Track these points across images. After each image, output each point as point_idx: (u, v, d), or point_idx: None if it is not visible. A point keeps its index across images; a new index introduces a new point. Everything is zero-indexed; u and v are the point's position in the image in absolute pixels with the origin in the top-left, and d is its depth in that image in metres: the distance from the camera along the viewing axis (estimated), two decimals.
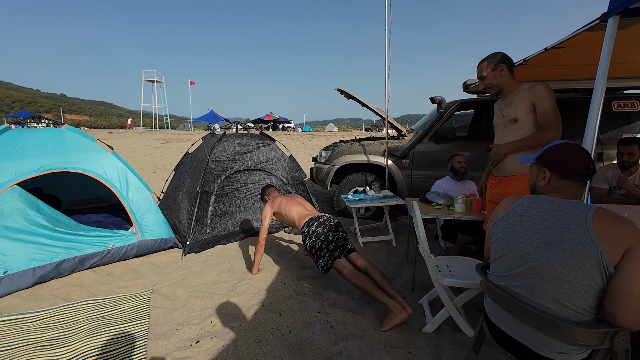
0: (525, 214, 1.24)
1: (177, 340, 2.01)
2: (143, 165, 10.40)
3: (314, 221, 2.64)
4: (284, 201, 2.90)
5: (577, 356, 1.09)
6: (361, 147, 4.63)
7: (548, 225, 1.15)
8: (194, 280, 2.80)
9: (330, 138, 21.86)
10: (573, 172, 1.19)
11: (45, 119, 3.35)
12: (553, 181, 1.25)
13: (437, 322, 2.09)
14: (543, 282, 1.11)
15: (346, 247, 2.54)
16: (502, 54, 2.09)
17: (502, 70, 2.06)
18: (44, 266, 2.66)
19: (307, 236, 2.61)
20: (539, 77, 3.79)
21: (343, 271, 2.36)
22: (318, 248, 2.52)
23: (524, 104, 1.99)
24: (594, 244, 1.03)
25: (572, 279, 1.06)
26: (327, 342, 1.96)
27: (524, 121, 2.00)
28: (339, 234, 2.60)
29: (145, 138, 20.93)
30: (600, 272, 1.03)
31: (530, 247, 1.17)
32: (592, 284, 1.04)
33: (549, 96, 1.91)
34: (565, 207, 1.16)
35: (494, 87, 2.11)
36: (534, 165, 1.32)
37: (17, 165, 2.79)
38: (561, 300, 1.08)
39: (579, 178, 1.20)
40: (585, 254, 1.04)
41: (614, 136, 4.03)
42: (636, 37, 2.22)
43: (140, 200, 3.34)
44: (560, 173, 1.22)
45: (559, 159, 1.23)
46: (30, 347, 1.90)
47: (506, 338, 1.26)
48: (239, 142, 4.08)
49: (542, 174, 1.28)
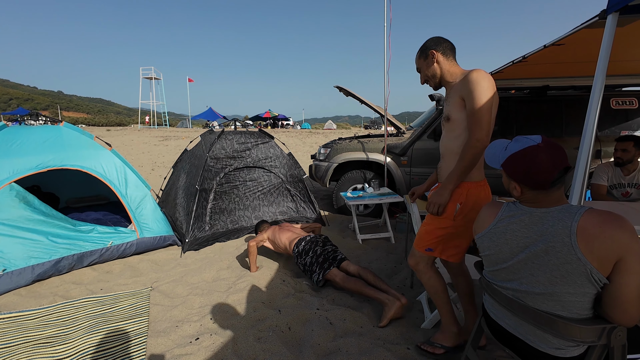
0: (508, 231, 1.18)
1: (177, 337, 2.02)
2: (141, 163, 10.37)
3: (302, 240, 2.78)
4: (277, 229, 3.04)
5: (574, 351, 1.10)
6: (360, 144, 4.63)
7: (532, 242, 1.10)
8: (193, 278, 2.80)
9: (329, 135, 21.82)
10: (545, 182, 1.07)
11: (42, 117, 3.34)
12: (526, 192, 1.14)
13: (435, 318, 2.10)
14: (535, 296, 1.11)
15: (337, 258, 2.64)
16: (434, 38, 1.74)
17: (434, 56, 1.70)
18: (43, 264, 2.65)
19: (298, 256, 2.74)
20: (538, 75, 3.79)
21: (336, 279, 2.46)
22: (309, 264, 2.64)
23: (455, 98, 1.63)
24: (582, 262, 0.98)
25: (564, 294, 1.05)
26: (326, 338, 1.97)
27: (456, 119, 1.65)
28: (328, 248, 2.72)
29: (143, 135, 20.84)
30: (591, 284, 1.01)
31: (519, 265, 1.15)
32: (585, 294, 1.04)
33: (478, 89, 1.51)
34: (546, 219, 1.08)
35: (430, 78, 1.76)
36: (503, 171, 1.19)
37: (15, 163, 2.78)
38: (555, 310, 1.09)
39: (553, 184, 1.08)
40: (573, 272, 1.01)
41: (612, 133, 4.04)
42: (635, 34, 2.22)
43: (139, 197, 3.33)
44: (531, 186, 1.10)
45: (525, 169, 1.08)
46: (30, 345, 1.91)
47: (504, 334, 1.27)
48: (238, 139, 4.07)
49: (512, 184, 1.16)
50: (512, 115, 4.20)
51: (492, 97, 1.53)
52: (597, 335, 1.05)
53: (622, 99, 4.03)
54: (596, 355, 1.07)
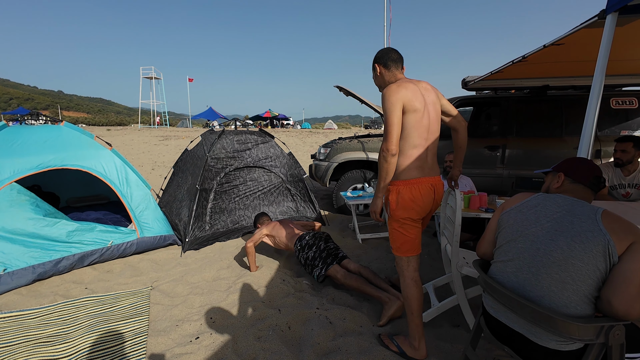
0: (540, 205, 1.31)
1: (177, 337, 2.03)
2: (141, 163, 10.38)
3: (305, 235, 2.80)
4: (277, 225, 3.03)
5: (574, 345, 1.11)
6: (360, 144, 4.63)
7: (560, 215, 1.22)
8: (193, 277, 2.81)
9: (329, 135, 21.83)
10: (585, 177, 1.32)
11: (43, 116, 3.34)
12: (566, 184, 1.36)
13: (443, 307, 2.08)
14: (550, 264, 1.15)
15: (338, 255, 2.67)
16: (380, 51, 1.88)
17: (377, 69, 1.89)
18: (44, 264, 2.66)
19: (300, 250, 2.75)
20: (538, 74, 3.80)
21: (337, 275, 2.47)
22: (312, 258, 2.65)
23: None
24: (602, 232, 1.09)
25: (578, 262, 1.10)
26: (326, 337, 1.97)
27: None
28: (330, 245, 2.75)
29: (143, 135, 20.85)
30: (605, 259, 1.07)
31: (541, 232, 1.23)
32: (595, 270, 1.08)
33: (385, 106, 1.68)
34: (577, 204, 1.24)
35: (378, 86, 1.93)
36: (550, 174, 1.45)
37: (16, 163, 2.78)
38: (565, 281, 1.11)
39: (590, 185, 1.32)
40: (593, 240, 1.10)
41: (612, 133, 4.03)
42: (634, 34, 2.23)
43: (140, 197, 3.34)
44: (573, 177, 1.34)
45: (573, 166, 1.37)
46: (30, 344, 1.91)
47: (504, 332, 1.28)
48: (238, 139, 4.07)
49: (556, 178, 1.40)
50: (512, 115, 4.20)
51: (396, 111, 1.66)
52: (595, 333, 1.06)
53: (622, 99, 4.02)
54: (594, 354, 1.08)
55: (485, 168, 4.23)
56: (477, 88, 4.47)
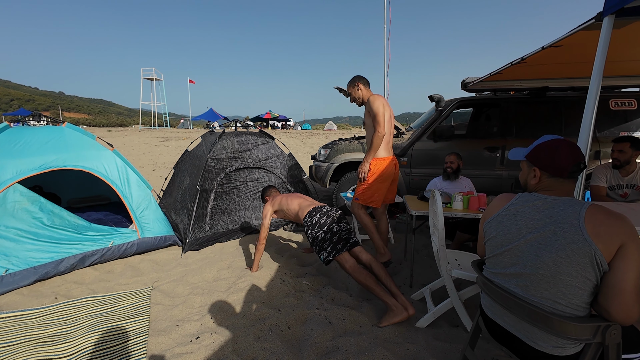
0: (519, 212, 1.24)
1: (178, 336, 2.04)
2: (142, 164, 10.40)
3: (317, 211, 2.57)
4: (284, 198, 2.90)
5: (571, 350, 1.11)
6: (360, 145, 4.64)
7: (542, 225, 1.15)
8: (193, 278, 2.82)
9: (330, 136, 21.84)
10: (563, 170, 1.18)
11: (45, 117, 3.36)
12: (544, 179, 1.24)
13: (438, 312, 2.10)
14: (538, 281, 1.13)
15: (350, 241, 2.49)
16: (356, 76, 2.98)
17: (358, 86, 2.93)
18: (45, 264, 2.67)
19: (310, 226, 2.53)
20: (537, 76, 3.81)
21: (345, 265, 2.33)
22: (321, 239, 2.45)
23: (366, 112, 2.92)
24: (587, 242, 1.03)
25: (566, 277, 1.07)
26: (325, 337, 1.98)
27: (367, 123, 2.93)
28: (343, 226, 2.54)
29: (144, 136, 20.89)
30: (593, 269, 1.04)
31: (525, 247, 1.18)
32: (585, 281, 1.06)
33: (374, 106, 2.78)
34: (558, 205, 1.16)
35: (356, 99, 2.98)
36: (525, 163, 1.32)
37: (18, 164, 2.80)
38: (555, 298, 1.10)
39: (570, 175, 1.19)
40: (578, 253, 1.05)
41: (611, 134, 4.04)
42: (632, 36, 2.24)
43: (140, 197, 3.35)
44: (551, 172, 1.21)
45: (548, 157, 1.21)
46: (31, 344, 1.92)
47: (502, 332, 1.28)
48: (239, 140, 4.09)
49: (532, 172, 1.27)
50: (512, 116, 4.21)
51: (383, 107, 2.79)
52: (592, 333, 1.07)
53: (621, 100, 4.03)
54: (591, 354, 1.09)
55: (485, 169, 4.24)
56: (477, 89, 4.48)
